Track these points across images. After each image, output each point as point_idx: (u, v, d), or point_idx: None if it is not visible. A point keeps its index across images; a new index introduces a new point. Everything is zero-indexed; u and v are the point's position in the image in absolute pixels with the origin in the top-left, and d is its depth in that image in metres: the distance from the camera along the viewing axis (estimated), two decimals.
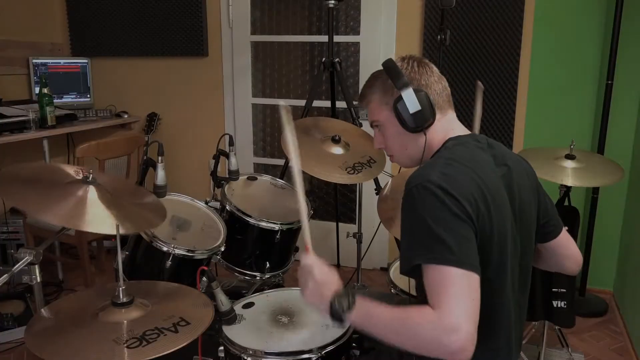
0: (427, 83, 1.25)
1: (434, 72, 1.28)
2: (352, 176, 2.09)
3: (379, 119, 1.31)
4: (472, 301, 1.00)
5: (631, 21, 2.67)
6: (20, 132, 2.83)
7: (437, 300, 1.00)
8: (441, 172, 1.10)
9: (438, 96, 1.26)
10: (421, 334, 1.00)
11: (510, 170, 1.23)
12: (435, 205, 1.05)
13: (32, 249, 1.31)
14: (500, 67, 2.89)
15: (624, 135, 2.79)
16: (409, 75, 1.25)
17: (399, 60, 1.28)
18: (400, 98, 1.23)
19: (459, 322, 0.96)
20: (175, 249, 1.78)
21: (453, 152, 1.19)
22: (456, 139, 1.25)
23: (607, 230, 2.93)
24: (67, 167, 1.52)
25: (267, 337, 1.45)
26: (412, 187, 1.10)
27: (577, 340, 2.55)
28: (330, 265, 1.19)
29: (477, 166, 1.16)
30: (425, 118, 1.23)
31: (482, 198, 1.10)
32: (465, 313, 0.98)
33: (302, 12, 3.36)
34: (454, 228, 1.04)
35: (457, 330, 0.96)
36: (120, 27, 3.58)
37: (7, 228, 2.92)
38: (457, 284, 1.00)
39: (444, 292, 1.00)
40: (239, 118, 3.54)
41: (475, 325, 0.98)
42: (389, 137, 1.32)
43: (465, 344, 0.96)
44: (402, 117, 1.24)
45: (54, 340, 1.14)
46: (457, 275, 1.01)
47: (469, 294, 1.00)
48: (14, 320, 2.51)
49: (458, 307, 0.98)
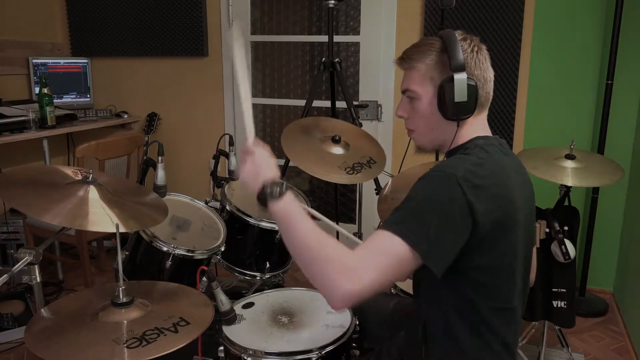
0: (479, 75, 1.17)
1: (489, 66, 1.20)
2: (352, 176, 2.08)
3: (417, 91, 1.19)
4: (387, 275, 0.99)
5: (631, 21, 2.67)
6: (20, 132, 2.82)
7: (362, 247, 1.00)
8: (469, 169, 1.06)
9: (484, 92, 1.19)
10: (324, 263, 0.99)
11: (524, 179, 1.23)
12: (445, 199, 1.03)
13: (32, 249, 1.31)
14: (500, 67, 2.89)
15: (624, 135, 2.79)
16: (466, 58, 1.14)
17: (460, 38, 1.16)
18: (451, 80, 1.12)
19: (362, 278, 0.96)
20: (175, 249, 1.78)
21: (485, 152, 1.15)
22: (485, 139, 1.20)
23: (607, 230, 2.93)
24: (65, 169, 1.52)
25: (267, 337, 1.45)
26: (436, 170, 1.07)
27: (577, 340, 2.55)
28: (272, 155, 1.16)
29: (503, 172, 1.14)
30: (466, 111, 1.15)
31: (503, 204, 1.09)
32: (373, 278, 0.97)
33: (302, 12, 3.36)
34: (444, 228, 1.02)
35: (354, 278, 0.96)
36: (120, 27, 3.58)
37: (7, 228, 2.92)
38: (392, 258, 0.99)
39: (375, 253, 1.00)
40: (239, 118, 3.54)
41: (370, 291, 0.97)
42: (418, 112, 1.21)
43: (350, 293, 0.96)
44: (444, 100, 1.14)
45: (54, 340, 1.14)
46: (404, 253, 0.99)
47: (393, 270, 0.99)
48: (14, 320, 2.50)
49: (372, 269, 0.97)
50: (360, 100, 3.19)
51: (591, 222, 2.85)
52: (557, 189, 2.19)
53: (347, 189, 3.42)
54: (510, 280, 1.16)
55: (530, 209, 1.24)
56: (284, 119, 3.54)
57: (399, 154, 2.99)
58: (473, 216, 1.03)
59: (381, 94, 3.18)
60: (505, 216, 1.09)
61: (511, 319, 1.19)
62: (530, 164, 2.14)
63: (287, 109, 3.53)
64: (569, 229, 2.06)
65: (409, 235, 1.00)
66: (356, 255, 1.00)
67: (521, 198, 1.16)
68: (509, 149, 1.25)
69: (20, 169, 1.49)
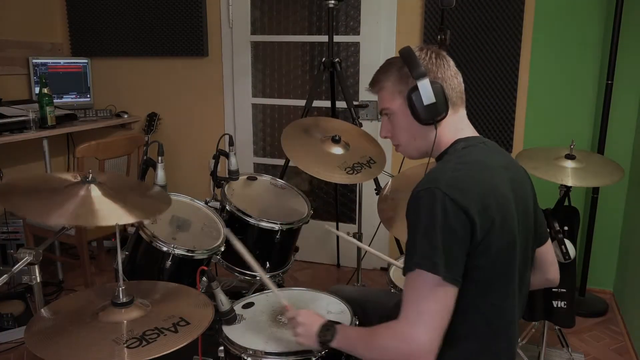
0: (443, 76, 1.22)
1: (450, 66, 1.25)
2: (351, 176, 2.09)
3: (390, 107, 1.27)
4: (440, 315, 1.05)
5: (631, 21, 2.67)
6: (20, 132, 2.82)
7: (405, 310, 1.07)
8: (451, 178, 1.10)
9: (453, 91, 1.24)
10: (386, 347, 1.08)
11: (515, 175, 1.24)
12: (438, 214, 1.06)
13: (32, 249, 1.31)
14: (500, 67, 2.89)
15: (624, 135, 2.79)
16: (426, 66, 1.21)
17: (417, 50, 1.24)
18: (416, 88, 1.19)
19: (419, 333, 1.04)
20: (175, 249, 1.78)
21: (463, 155, 1.18)
22: (466, 141, 1.23)
23: (607, 230, 2.93)
24: (63, 174, 1.51)
25: (267, 337, 1.45)
26: (420, 189, 1.10)
27: (577, 340, 2.55)
28: (307, 311, 1.36)
29: (487, 171, 1.16)
30: (439, 111, 1.20)
31: (491, 205, 1.10)
32: (428, 325, 1.04)
33: (302, 12, 3.36)
34: (451, 241, 1.06)
35: (417, 341, 1.03)
36: (120, 27, 3.58)
37: (7, 228, 2.92)
38: (431, 295, 1.05)
39: (415, 303, 1.06)
40: (239, 118, 3.54)
41: (437, 337, 1.04)
42: (397, 127, 1.28)
43: (424, 355, 1.04)
44: (415, 107, 1.20)
45: (54, 340, 1.14)
46: (435, 285, 1.05)
47: (440, 307, 1.05)
48: (14, 320, 2.51)
49: (422, 319, 1.04)
50: (360, 100, 3.19)
51: (591, 222, 2.85)
52: (557, 189, 2.19)
53: (347, 189, 3.42)
54: (509, 275, 1.17)
55: (526, 204, 1.24)
56: (284, 119, 3.54)
57: (399, 154, 2.99)
58: (469, 218, 1.06)
59: None
60: (497, 211, 1.11)
61: (511, 316, 1.20)
62: (530, 164, 2.14)
63: (287, 109, 3.53)
64: (569, 229, 2.06)
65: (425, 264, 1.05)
66: (400, 318, 1.08)
67: (512, 192, 1.18)
68: (497, 146, 1.28)
69: (18, 180, 1.46)
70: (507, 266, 1.15)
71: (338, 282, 3.20)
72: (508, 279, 1.17)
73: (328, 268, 3.43)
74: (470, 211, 1.06)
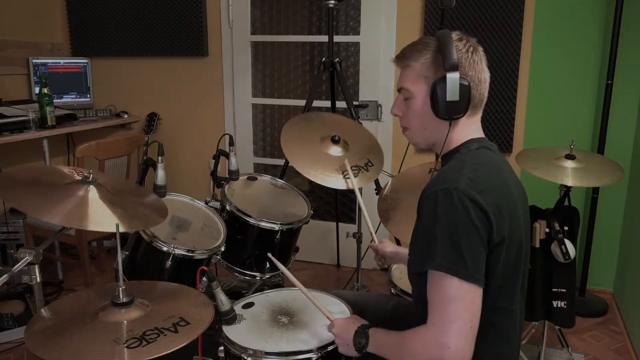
0: (473, 75, 1.17)
1: (484, 67, 1.20)
2: (349, 180, 2.08)
3: (411, 89, 1.21)
4: (469, 318, 1.03)
5: (631, 21, 2.67)
6: (20, 132, 2.82)
7: (434, 315, 1.05)
8: (470, 178, 1.08)
9: (477, 93, 1.19)
10: (420, 354, 1.06)
11: (517, 180, 1.25)
12: (459, 215, 1.04)
13: (32, 249, 1.31)
14: (500, 67, 2.89)
15: (624, 135, 2.79)
16: (460, 59, 1.15)
17: (456, 38, 1.17)
18: (444, 79, 1.14)
19: (450, 339, 1.01)
20: (175, 249, 1.78)
21: (478, 156, 1.16)
22: (478, 142, 1.21)
23: (607, 230, 2.93)
24: (64, 168, 1.52)
25: (267, 337, 1.45)
26: (437, 189, 1.08)
27: (577, 340, 2.55)
28: (345, 318, 1.37)
29: (500, 173, 1.16)
30: (458, 110, 1.16)
31: (505, 206, 1.10)
32: (459, 330, 1.01)
33: (302, 12, 3.36)
34: (473, 241, 1.04)
35: (449, 348, 1.00)
36: (120, 27, 3.58)
37: (7, 228, 2.92)
38: (459, 299, 1.03)
39: (443, 308, 1.03)
40: (239, 118, 3.54)
41: (469, 341, 1.02)
42: (411, 110, 1.23)
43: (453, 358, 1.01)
44: (436, 99, 1.16)
45: (54, 340, 1.14)
46: (465, 289, 1.03)
47: (469, 310, 1.03)
48: (14, 320, 2.51)
49: (452, 324, 1.02)
50: (360, 100, 3.19)
51: (591, 222, 2.85)
52: (557, 189, 2.19)
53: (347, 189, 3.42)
54: (516, 279, 1.17)
55: (525, 208, 1.25)
56: (284, 119, 3.54)
57: (399, 154, 3.00)
58: (488, 220, 1.05)
59: (381, 94, 3.18)
60: (510, 214, 1.11)
61: (515, 318, 1.20)
62: (530, 164, 2.15)
63: (287, 109, 3.53)
64: (569, 229, 2.06)
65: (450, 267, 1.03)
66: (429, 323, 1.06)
67: (518, 196, 1.19)
68: (497, 150, 1.26)
69: (20, 169, 1.48)
70: (515, 269, 1.16)
71: (338, 282, 3.20)
72: (515, 281, 1.17)
73: (328, 268, 3.43)
74: (489, 213, 1.05)
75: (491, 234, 1.06)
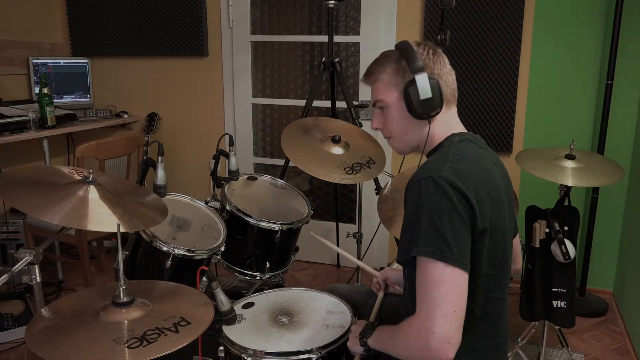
0: (440, 73, 1.24)
1: (446, 64, 1.27)
2: (350, 176, 2.09)
3: (384, 100, 1.27)
4: (453, 302, 1.03)
5: (631, 21, 2.67)
6: (20, 132, 2.82)
7: (420, 301, 1.06)
8: (451, 167, 1.11)
9: (447, 88, 1.25)
10: (409, 342, 1.08)
11: (502, 171, 1.28)
12: (442, 201, 1.06)
13: (32, 249, 1.32)
14: (500, 67, 2.89)
15: (624, 135, 2.79)
16: (424, 61, 1.22)
17: (414, 45, 1.25)
18: (413, 81, 1.20)
19: (434, 324, 1.01)
20: (175, 249, 1.78)
21: (460, 148, 1.20)
22: (461, 135, 1.25)
23: (607, 230, 2.93)
24: (64, 168, 1.52)
25: (267, 337, 1.45)
26: (420, 179, 1.10)
27: (577, 340, 2.55)
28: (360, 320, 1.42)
29: (482, 163, 1.19)
30: (434, 106, 1.21)
31: (488, 195, 1.13)
32: (442, 314, 1.02)
33: (302, 12, 3.36)
34: (457, 226, 1.06)
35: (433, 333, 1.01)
36: (120, 27, 3.58)
37: (7, 228, 2.92)
38: (442, 283, 1.04)
39: (428, 292, 1.04)
40: (239, 118, 3.54)
41: (454, 325, 1.02)
42: (390, 119, 1.28)
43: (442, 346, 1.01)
44: (411, 101, 1.21)
45: (54, 340, 1.14)
46: (449, 273, 1.04)
47: (453, 294, 1.04)
48: (14, 320, 2.51)
49: (437, 309, 1.02)
50: (360, 100, 3.19)
51: (591, 222, 2.85)
52: (557, 189, 2.19)
53: (347, 189, 3.42)
54: (504, 267, 1.20)
55: (510, 200, 1.27)
56: (284, 119, 3.54)
57: (399, 154, 2.99)
58: (471, 206, 1.08)
59: None
60: (492, 202, 1.14)
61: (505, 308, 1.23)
62: (530, 164, 2.15)
63: (287, 109, 3.53)
64: (569, 229, 2.06)
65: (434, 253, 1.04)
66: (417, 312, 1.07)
67: (502, 187, 1.22)
68: (485, 143, 1.30)
69: (20, 169, 1.49)
70: (500, 257, 1.18)
71: (338, 282, 3.20)
72: (503, 270, 1.20)
73: (328, 268, 3.43)
74: (472, 200, 1.08)
75: (474, 220, 1.08)
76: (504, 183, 1.25)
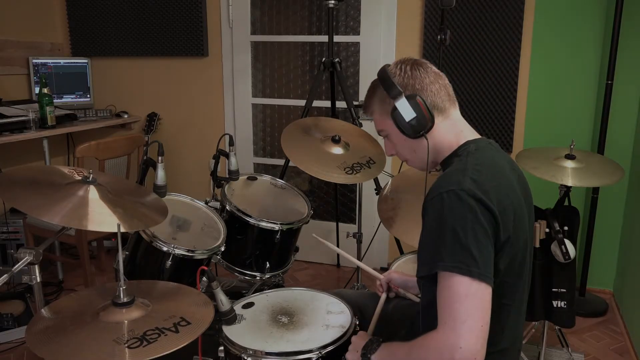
0: (421, 86, 1.24)
1: (428, 73, 1.26)
2: (350, 176, 2.09)
3: (384, 129, 1.31)
4: (480, 317, 1.02)
5: (631, 21, 2.67)
6: (20, 132, 2.82)
7: (444, 316, 1.04)
8: (472, 178, 1.10)
9: (435, 97, 1.24)
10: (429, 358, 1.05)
11: (520, 176, 1.27)
12: (466, 214, 1.05)
13: (32, 249, 1.32)
14: (500, 67, 2.89)
15: (624, 135, 2.79)
16: (402, 81, 1.24)
17: (392, 66, 1.27)
18: (395, 108, 1.23)
19: (460, 339, 1.00)
20: (175, 249, 1.78)
21: (478, 157, 1.18)
22: (475, 143, 1.24)
23: (607, 230, 2.93)
24: (64, 168, 1.52)
25: (267, 337, 1.45)
26: (442, 192, 1.09)
27: (577, 340, 2.55)
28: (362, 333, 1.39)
29: (501, 172, 1.18)
30: (423, 123, 1.22)
31: (509, 204, 1.12)
32: (469, 329, 1.00)
33: (302, 12, 3.36)
34: (481, 240, 1.05)
35: (460, 348, 0.99)
36: (120, 27, 3.58)
37: (7, 228, 2.92)
38: (470, 298, 1.02)
39: (453, 307, 1.03)
40: (239, 118, 3.54)
41: (480, 341, 1.01)
42: (397, 144, 1.32)
43: None
44: (400, 125, 1.24)
45: (55, 340, 1.14)
46: (476, 288, 1.03)
47: (480, 309, 1.02)
48: (14, 320, 2.51)
49: (463, 324, 1.01)
50: (360, 100, 3.19)
51: (591, 222, 2.85)
52: (557, 189, 2.19)
53: (347, 189, 3.42)
54: (521, 276, 1.19)
55: (529, 204, 1.27)
56: (284, 119, 3.54)
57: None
58: (495, 219, 1.07)
59: None
60: (514, 213, 1.13)
61: (519, 315, 1.22)
62: (530, 164, 2.15)
63: (287, 109, 3.53)
64: (569, 229, 2.06)
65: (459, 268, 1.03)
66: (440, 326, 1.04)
67: (521, 193, 1.21)
68: (498, 146, 1.29)
69: (20, 169, 1.49)
70: (521, 267, 1.17)
71: (338, 282, 3.20)
72: (520, 279, 1.19)
73: (328, 268, 3.43)
74: (495, 212, 1.07)
75: (498, 233, 1.08)
76: (522, 188, 1.24)
